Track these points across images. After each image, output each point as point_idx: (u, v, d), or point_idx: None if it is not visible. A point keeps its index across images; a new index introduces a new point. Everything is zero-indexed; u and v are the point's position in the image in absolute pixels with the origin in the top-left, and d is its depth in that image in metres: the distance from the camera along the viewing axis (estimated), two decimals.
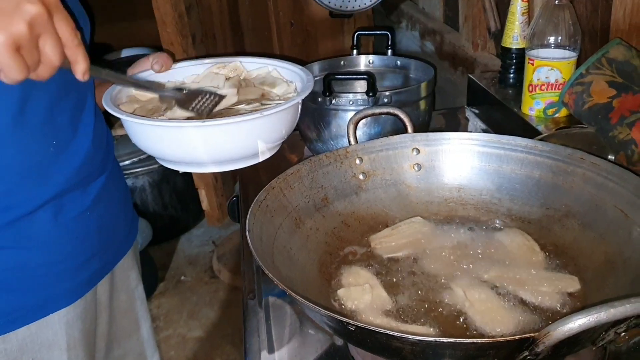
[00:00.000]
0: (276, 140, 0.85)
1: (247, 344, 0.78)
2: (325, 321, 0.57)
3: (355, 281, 0.74)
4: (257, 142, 0.80)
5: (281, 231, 0.76)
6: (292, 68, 0.95)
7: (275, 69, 0.97)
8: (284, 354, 0.74)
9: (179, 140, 0.79)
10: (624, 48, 0.94)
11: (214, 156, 0.81)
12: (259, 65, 0.98)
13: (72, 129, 0.83)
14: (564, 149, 0.81)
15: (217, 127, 0.77)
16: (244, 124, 0.78)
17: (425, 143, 0.89)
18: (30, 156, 0.78)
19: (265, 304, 0.84)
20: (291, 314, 0.81)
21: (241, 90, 0.90)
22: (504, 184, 0.85)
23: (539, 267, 0.74)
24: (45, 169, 0.80)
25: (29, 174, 0.78)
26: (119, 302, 1.04)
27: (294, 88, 0.93)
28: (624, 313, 0.45)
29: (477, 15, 1.60)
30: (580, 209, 0.78)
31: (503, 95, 1.25)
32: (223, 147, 0.80)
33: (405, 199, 0.88)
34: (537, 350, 0.49)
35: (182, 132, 0.78)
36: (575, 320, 0.45)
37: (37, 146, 0.78)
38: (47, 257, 0.83)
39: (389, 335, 0.50)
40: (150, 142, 0.82)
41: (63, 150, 0.82)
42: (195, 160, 0.82)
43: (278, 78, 0.95)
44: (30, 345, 0.84)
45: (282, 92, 0.92)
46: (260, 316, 0.82)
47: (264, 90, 0.92)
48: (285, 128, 0.85)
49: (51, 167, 0.80)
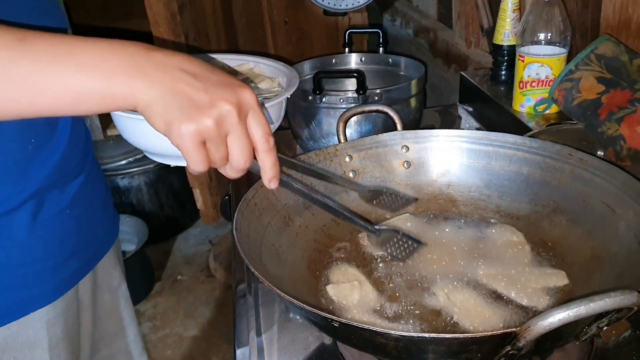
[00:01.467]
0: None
1: (236, 344, 0.78)
2: (311, 318, 0.58)
3: (344, 278, 0.74)
4: None
5: (270, 229, 0.76)
6: (272, 64, 0.95)
7: (256, 65, 0.97)
8: (273, 357, 0.74)
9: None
10: (612, 44, 0.95)
11: None
12: (239, 62, 0.98)
13: (49, 127, 0.83)
14: (552, 145, 0.82)
15: None
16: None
17: (414, 140, 0.89)
18: (9, 155, 0.77)
19: (255, 304, 0.84)
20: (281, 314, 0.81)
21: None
22: (492, 181, 0.86)
23: (527, 263, 0.75)
24: (24, 167, 0.79)
25: (7, 172, 0.77)
26: (103, 302, 1.03)
27: (277, 83, 0.93)
28: (603, 307, 0.46)
29: (470, 12, 1.61)
30: (568, 205, 0.78)
31: (495, 92, 1.25)
32: None
33: None
34: (519, 345, 0.49)
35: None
36: (555, 315, 0.46)
37: (16, 145, 0.78)
38: (26, 256, 0.82)
39: (373, 331, 0.51)
40: (140, 136, 0.83)
41: (41, 148, 0.81)
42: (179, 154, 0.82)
43: (260, 74, 0.95)
44: (11, 345, 0.83)
45: (267, 87, 0.91)
46: (251, 315, 0.82)
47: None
48: (272, 123, 0.85)
49: (30, 165, 0.80)
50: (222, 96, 0.56)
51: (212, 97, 0.55)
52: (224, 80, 0.57)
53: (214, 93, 0.55)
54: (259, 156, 0.61)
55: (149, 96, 0.55)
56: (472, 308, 0.67)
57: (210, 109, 0.55)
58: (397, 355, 0.55)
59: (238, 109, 0.56)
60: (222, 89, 0.56)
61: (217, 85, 0.56)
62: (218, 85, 0.56)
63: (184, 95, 0.55)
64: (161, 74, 0.55)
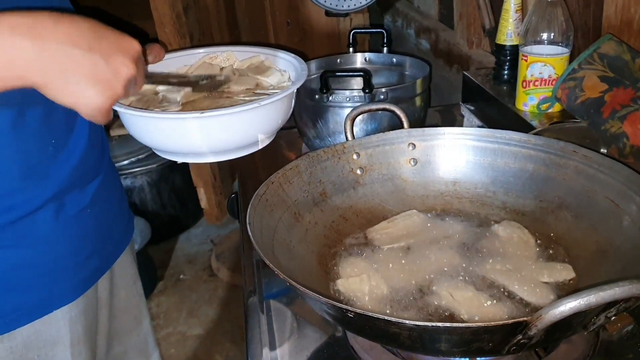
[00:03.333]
0: (273, 129, 0.86)
1: (248, 339, 0.79)
2: (325, 309, 0.59)
3: (353, 272, 0.76)
4: (255, 131, 0.82)
5: (281, 224, 0.77)
6: (284, 56, 0.96)
7: (267, 57, 0.98)
8: (285, 348, 0.75)
9: (178, 131, 0.81)
10: (615, 43, 0.96)
11: (213, 146, 0.82)
12: (251, 55, 0.99)
13: (68, 128, 0.85)
14: (556, 142, 0.83)
15: (216, 117, 0.78)
16: (242, 114, 0.79)
17: (420, 138, 0.90)
18: (30, 157, 0.79)
19: (265, 300, 0.85)
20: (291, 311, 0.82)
21: (236, 79, 0.92)
22: (498, 177, 0.87)
23: (532, 257, 0.76)
24: (45, 168, 0.81)
25: (29, 174, 0.79)
26: (119, 299, 1.05)
27: (287, 77, 0.94)
28: (612, 296, 0.47)
29: (472, 13, 1.62)
30: (572, 201, 0.80)
31: (497, 92, 1.27)
32: (221, 137, 0.81)
33: (401, 193, 0.90)
34: (530, 334, 0.50)
35: (181, 124, 0.80)
36: (566, 304, 0.47)
37: (37, 146, 0.79)
38: (48, 256, 0.84)
39: (387, 321, 0.52)
40: (149, 134, 0.84)
41: (61, 149, 0.83)
42: (194, 150, 0.84)
43: (271, 67, 0.96)
44: (34, 342, 0.85)
45: (276, 81, 0.93)
46: (261, 310, 0.83)
47: (258, 80, 0.93)
48: (282, 117, 0.86)
49: (50, 166, 0.81)
50: (120, 61, 0.63)
51: (113, 66, 0.62)
52: (111, 39, 0.63)
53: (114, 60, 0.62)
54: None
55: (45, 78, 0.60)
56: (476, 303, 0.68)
57: (115, 79, 0.63)
58: (410, 344, 0.56)
59: (134, 64, 0.64)
60: (116, 53, 0.63)
61: (112, 51, 0.62)
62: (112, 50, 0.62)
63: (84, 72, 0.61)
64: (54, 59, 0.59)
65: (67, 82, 0.61)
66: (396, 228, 0.83)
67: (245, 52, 1.00)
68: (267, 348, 0.76)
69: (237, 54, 1.00)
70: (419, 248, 0.79)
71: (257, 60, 0.99)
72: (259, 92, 0.89)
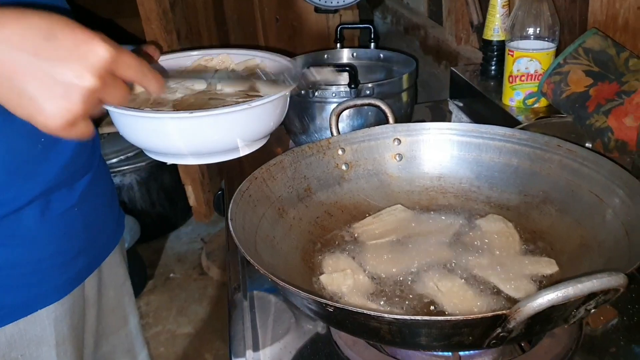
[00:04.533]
0: (256, 135, 0.85)
1: (232, 335, 0.79)
2: (306, 304, 0.59)
3: (337, 267, 0.75)
4: (236, 136, 0.81)
5: (264, 221, 0.77)
6: (279, 60, 0.95)
7: (262, 61, 0.98)
8: (268, 345, 0.75)
9: (158, 131, 0.80)
10: (600, 38, 0.96)
11: (192, 148, 0.81)
12: (247, 57, 0.99)
13: None
14: (541, 137, 0.83)
15: (194, 119, 0.77)
16: (221, 117, 0.78)
17: (406, 133, 0.90)
18: (18, 155, 0.78)
19: (250, 297, 0.84)
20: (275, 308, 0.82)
21: (229, 81, 0.91)
22: (483, 172, 0.87)
23: (517, 251, 0.76)
24: (33, 167, 0.80)
25: (17, 172, 0.78)
26: (107, 299, 1.04)
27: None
28: (590, 288, 0.47)
29: (460, 9, 1.62)
30: (557, 195, 0.80)
31: (485, 87, 1.27)
32: (201, 139, 0.80)
33: (387, 189, 0.89)
34: (510, 327, 0.50)
35: (159, 123, 0.79)
36: (544, 296, 0.47)
37: (25, 145, 0.78)
38: (34, 254, 0.83)
39: (367, 315, 0.52)
40: (134, 133, 0.83)
41: (50, 148, 0.82)
42: (174, 151, 0.83)
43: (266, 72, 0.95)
44: (19, 342, 0.84)
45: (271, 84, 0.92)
46: (245, 307, 0.83)
47: (252, 82, 0.92)
48: (266, 123, 0.84)
49: (39, 165, 0.80)
50: (74, 72, 0.51)
51: (65, 77, 0.51)
52: (71, 45, 0.52)
53: (65, 71, 0.51)
54: (141, 85, 0.59)
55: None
56: (461, 297, 0.68)
57: (68, 94, 0.52)
58: (391, 339, 0.56)
59: (94, 75, 0.52)
60: (70, 60, 0.51)
61: (65, 58, 0.51)
62: (65, 57, 0.51)
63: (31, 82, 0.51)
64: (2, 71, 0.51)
65: (13, 92, 0.53)
66: (381, 223, 0.83)
67: (241, 54, 0.99)
68: (251, 345, 0.75)
69: (232, 56, 0.99)
70: (403, 243, 0.79)
71: (253, 63, 0.98)
72: (252, 95, 0.89)
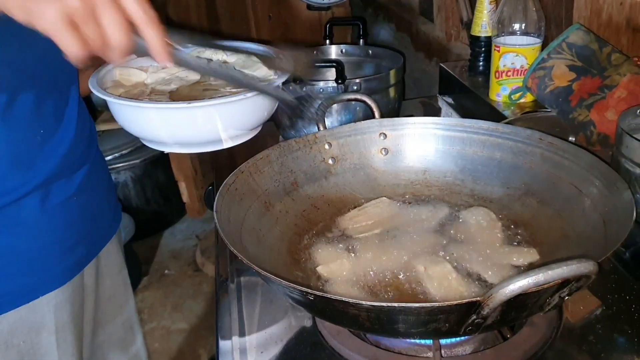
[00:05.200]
0: (240, 128, 0.86)
1: (218, 326, 0.80)
2: (288, 293, 0.60)
3: (324, 260, 0.76)
4: (218, 128, 0.82)
5: (250, 213, 0.78)
6: (270, 53, 0.96)
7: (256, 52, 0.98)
8: (254, 336, 0.76)
9: (143, 119, 0.82)
10: (583, 33, 0.98)
11: (176, 137, 0.83)
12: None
13: (56, 119, 0.86)
14: (523, 130, 0.84)
15: (174, 110, 0.79)
16: (201, 109, 0.79)
17: (391, 128, 0.91)
18: (18, 146, 0.80)
19: (237, 288, 0.85)
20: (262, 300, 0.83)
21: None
22: (466, 166, 0.88)
23: (499, 242, 0.77)
24: (32, 157, 0.82)
25: (17, 162, 0.80)
26: (104, 287, 1.06)
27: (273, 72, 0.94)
28: (560, 275, 0.48)
29: (450, 6, 1.63)
30: (538, 187, 0.81)
31: (472, 83, 1.28)
32: (183, 129, 0.82)
33: (373, 182, 0.91)
34: (484, 313, 0.51)
35: (142, 113, 0.81)
36: (515, 283, 0.48)
37: (25, 136, 0.81)
38: (34, 243, 0.85)
39: (345, 302, 0.53)
40: (128, 121, 0.85)
41: (49, 139, 0.84)
42: (159, 139, 0.85)
43: (258, 62, 0.96)
44: (20, 328, 0.86)
45: (263, 74, 0.92)
46: (233, 297, 0.84)
47: (244, 74, 0.93)
48: (249, 117, 0.86)
49: (38, 155, 0.83)
50: None
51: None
52: None
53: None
54: (141, 31, 0.57)
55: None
56: (447, 285, 0.69)
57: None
58: (370, 326, 0.57)
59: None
60: None
61: None
62: None
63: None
64: None
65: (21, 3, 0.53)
66: (367, 215, 0.84)
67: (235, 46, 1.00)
68: (237, 336, 0.76)
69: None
70: (390, 234, 0.80)
71: (245, 55, 0.98)
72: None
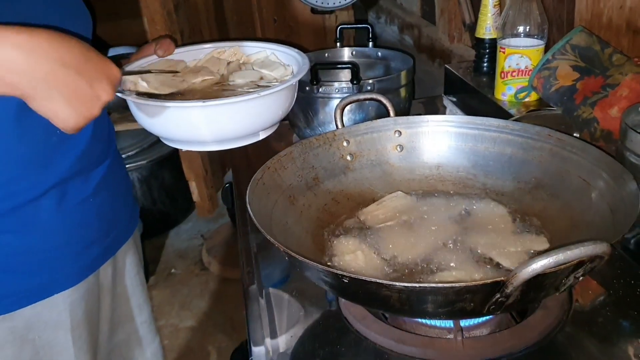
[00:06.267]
0: (274, 120, 0.91)
1: (250, 327, 0.82)
2: (322, 277, 0.65)
3: (347, 250, 0.81)
4: (255, 121, 0.86)
5: (277, 207, 0.82)
6: (288, 52, 1.01)
7: (273, 52, 1.03)
8: (284, 329, 0.80)
9: (183, 119, 0.85)
10: (586, 35, 1.03)
11: (216, 135, 0.87)
12: (258, 50, 1.04)
13: None
14: (532, 127, 0.89)
15: (218, 106, 0.83)
16: (243, 104, 0.84)
17: (406, 126, 0.96)
18: (34, 145, 0.82)
19: (265, 293, 0.88)
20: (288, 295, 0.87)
21: (240, 73, 0.97)
22: (478, 161, 0.93)
23: (510, 232, 0.82)
24: (48, 157, 0.84)
25: (32, 162, 0.83)
26: (122, 287, 1.09)
27: (290, 71, 0.99)
28: (578, 255, 0.53)
29: (453, 9, 1.69)
30: (548, 181, 0.86)
31: (477, 83, 1.33)
32: (224, 125, 0.85)
33: (389, 177, 0.96)
34: (507, 292, 0.56)
35: (185, 112, 0.84)
36: (538, 262, 0.53)
37: (41, 136, 0.83)
38: (49, 242, 0.88)
39: (379, 284, 0.58)
40: (156, 122, 0.87)
41: (65, 139, 0.86)
42: (198, 139, 0.88)
43: (276, 62, 1.00)
44: (36, 324, 0.89)
45: (280, 74, 0.97)
46: (262, 302, 0.86)
47: (262, 73, 0.98)
48: (282, 108, 0.90)
49: (54, 155, 0.85)
50: (103, 88, 0.69)
51: (96, 91, 0.68)
52: (98, 65, 0.69)
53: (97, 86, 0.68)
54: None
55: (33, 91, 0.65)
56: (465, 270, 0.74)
57: (94, 103, 0.69)
58: (400, 307, 0.62)
59: (113, 90, 0.71)
60: (101, 79, 0.69)
61: (97, 76, 0.68)
62: (97, 75, 0.68)
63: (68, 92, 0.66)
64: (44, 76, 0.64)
65: (50, 98, 0.66)
66: (385, 209, 0.89)
67: (252, 47, 1.05)
68: (269, 335, 0.79)
69: (244, 49, 1.05)
70: (407, 225, 0.85)
71: (263, 55, 1.03)
72: (262, 85, 0.94)
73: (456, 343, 0.70)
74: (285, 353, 0.75)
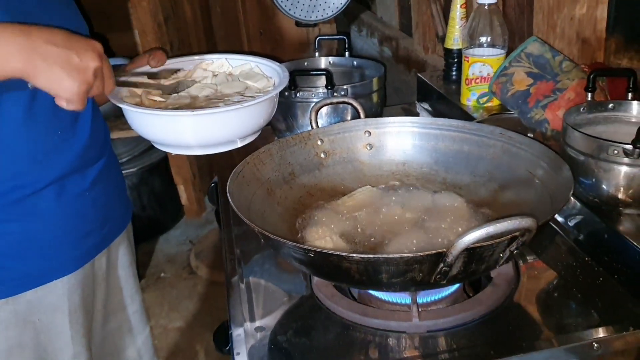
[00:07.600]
0: (255, 128, 1.00)
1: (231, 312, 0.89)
2: (292, 254, 0.73)
3: (318, 235, 0.90)
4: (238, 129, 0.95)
5: (255, 197, 0.91)
6: (271, 65, 1.10)
7: (257, 65, 1.12)
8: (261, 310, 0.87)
9: (173, 126, 0.94)
10: (539, 44, 1.13)
11: (201, 140, 0.96)
12: (242, 62, 1.13)
13: (73, 121, 0.98)
14: (487, 127, 0.99)
15: (205, 116, 0.92)
16: (227, 113, 0.93)
17: (375, 126, 1.05)
18: (38, 144, 0.92)
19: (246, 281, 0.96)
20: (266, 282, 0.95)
21: (227, 84, 1.06)
22: (440, 158, 1.02)
23: (466, 219, 0.91)
24: (51, 155, 0.94)
25: (37, 159, 0.92)
26: (115, 278, 1.17)
27: (272, 82, 1.08)
28: (506, 227, 0.62)
29: (427, 22, 1.79)
30: (499, 174, 0.96)
31: (446, 90, 1.43)
32: (209, 132, 0.95)
33: (359, 173, 1.05)
34: (448, 261, 0.65)
35: (175, 120, 0.94)
36: (471, 234, 0.62)
37: (45, 136, 0.93)
38: (49, 230, 0.97)
39: (339, 256, 0.67)
40: (149, 129, 0.97)
41: (66, 139, 0.96)
42: (184, 143, 0.97)
43: (259, 74, 1.10)
44: (37, 307, 0.97)
45: (262, 86, 1.07)
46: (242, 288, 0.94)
47: (247, 84, 1.07)
48: (263, 117, 0.99)
49: (55, 153, 0.95)
50: (90, 56, 0.80)
51: (84, 59, 0.79)
52: (81, 41, 0.81)
53: (84, 56, 0.79)
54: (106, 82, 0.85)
55: (32, 65, 0.76)
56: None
57: (86, 69, 0.79)
58: (360, 278, 0.71)
59: (100, 58, 0.81)
60: (87, 50, 0.80)
61: (83, 49, 0.79)
62: (83, 48, 0.80)
63: (62, 64, 0.77)
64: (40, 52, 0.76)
65: (51, 70, 0.77)
66: (354, 201, 0.98)
67: (237, 60, 1.14)
68: (247, 315, 0.87)
69: (230, 61, 1.14)
70: (374, 214, 0.94)
71: (248, 67, 1.13)
72: (247, 95, 1.03)
73: (413, 315, 0.79)
74: (261, 327, 0.83)
